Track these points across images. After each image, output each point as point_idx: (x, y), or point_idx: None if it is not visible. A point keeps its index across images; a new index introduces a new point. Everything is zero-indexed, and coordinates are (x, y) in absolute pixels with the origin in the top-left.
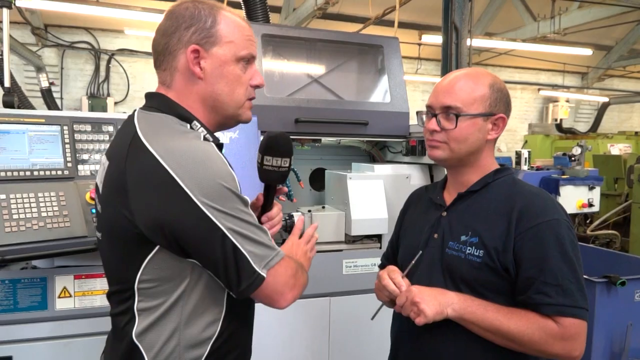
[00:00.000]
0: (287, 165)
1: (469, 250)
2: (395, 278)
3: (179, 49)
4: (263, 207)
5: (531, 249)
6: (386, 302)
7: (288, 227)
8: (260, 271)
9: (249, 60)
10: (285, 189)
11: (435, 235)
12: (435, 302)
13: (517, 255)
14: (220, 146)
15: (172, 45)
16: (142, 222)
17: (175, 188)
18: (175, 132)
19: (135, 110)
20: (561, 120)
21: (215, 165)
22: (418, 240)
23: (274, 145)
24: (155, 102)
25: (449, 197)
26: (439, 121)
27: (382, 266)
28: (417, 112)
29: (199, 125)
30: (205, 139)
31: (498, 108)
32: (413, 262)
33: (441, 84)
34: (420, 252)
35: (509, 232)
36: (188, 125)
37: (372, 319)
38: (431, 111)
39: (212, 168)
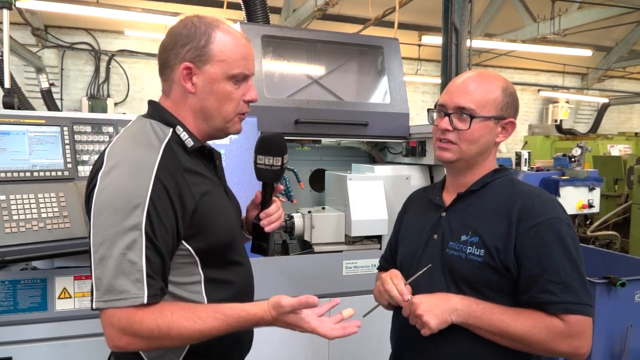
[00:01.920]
0: (280, 164)
1: (470, 249)
2: (398, 284)
3: (175, 64)
4: (262, 205)
5: (533, 248)
6: (384, 305)
7: (288, 227)
8: (95, 301)
9: (243, 78)
10: (282, 186)
11: (435, 236)
12: (438, 312)
13: (518, 255)
14: (206, 150)
15: (171, 60)
16: None
17: (94, 188)
18: (138, 139)
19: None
20: (561, 121)
21: (134, 178)
22: (418, 241)
23: (266, 144)
24: (150, 108)
25: (448, 197)
26: (451, 121)
27: (380, 268)
28: (428, 110)
29: (182, 130)
30: (182, 144)
31: (508, 112)
32: (420, 273)
33: (455, 84)
34: (430, 265)
35: (509, 232)
36: (170, 130)
37: (364, 316)
38: (444, 110)
39: (128, 179)
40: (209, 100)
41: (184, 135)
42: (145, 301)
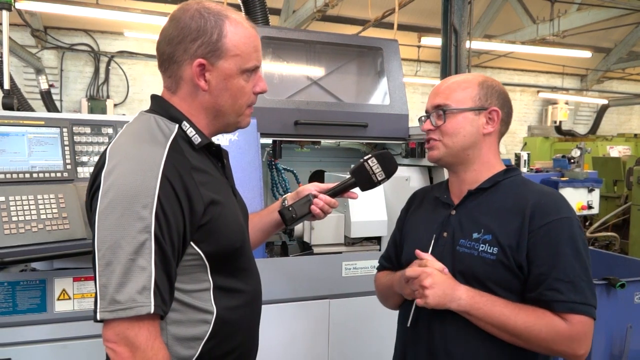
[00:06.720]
0: (381, 180)
1: (483, 247)
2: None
3: (184, 60)
4: (331, 190)
5: (544, 246)
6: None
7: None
8: (99, 311)
9: (254, 69)
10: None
11: (445, 234)
12: (441, 294)
13: (530, 252)
14: (213, 147)
15: (178, 56)
16: None
17: (98, 188)
18: (141, 135)
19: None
20: (560, 122)
21: (140, 176)
22: (425, 239)
23: (389, 162)
24: (153, 103)
25: (454, 196)
26: (432, 120)
27: (381, 268)
28: (419, 119)
29: (188, 126)
30: (188, 141)
31: (490, 102)
32: (431, 245)
33: (434, 89)
34: (434, 235)
35: (522, 229)
36: (176, 126)
37: (409, 325)
38: (426, 114)
39: (134, 178)
40: (223, 97)
41: (190, 132)
42: (152, 311)
